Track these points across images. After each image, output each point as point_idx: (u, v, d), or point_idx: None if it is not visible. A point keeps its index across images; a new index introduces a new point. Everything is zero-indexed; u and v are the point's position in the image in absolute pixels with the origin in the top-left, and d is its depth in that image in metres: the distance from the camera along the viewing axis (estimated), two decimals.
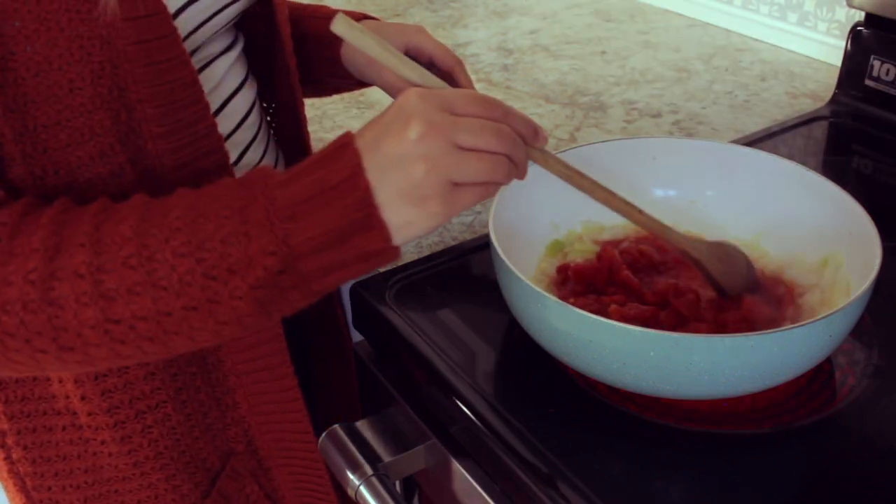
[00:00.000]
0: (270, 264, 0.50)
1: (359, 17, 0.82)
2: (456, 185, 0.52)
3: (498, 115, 0.54)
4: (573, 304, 0.65)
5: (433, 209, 0.51)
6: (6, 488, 0.70)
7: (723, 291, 0.67)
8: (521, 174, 0.56)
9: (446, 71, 0.77)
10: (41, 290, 0.50)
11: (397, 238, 0.52)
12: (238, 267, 0.50)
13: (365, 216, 0.51)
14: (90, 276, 0.50)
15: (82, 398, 0.64)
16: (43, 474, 0.68)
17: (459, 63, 0.77)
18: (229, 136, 0.69)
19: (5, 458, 0.68)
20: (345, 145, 0.52)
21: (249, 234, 0.50)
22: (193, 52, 0.63)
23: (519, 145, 0.55)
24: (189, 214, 0.51)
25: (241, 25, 0.75)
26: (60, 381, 0.64)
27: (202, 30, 0.62)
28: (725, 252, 0.68)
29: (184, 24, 0.59)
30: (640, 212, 0.63)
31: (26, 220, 0.52)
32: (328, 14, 0.84)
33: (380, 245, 0.52)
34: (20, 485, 0.69)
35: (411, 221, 0.52)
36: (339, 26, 0.58)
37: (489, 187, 0.54)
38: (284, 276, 0.51)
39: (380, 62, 0.60)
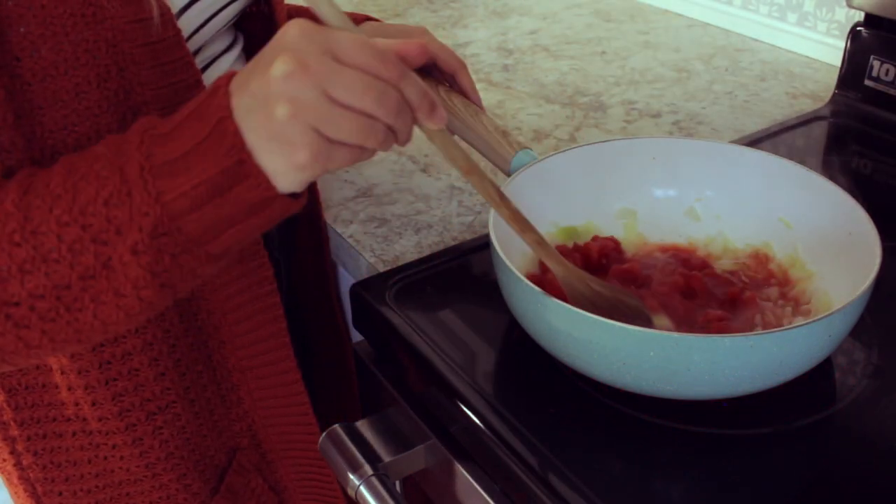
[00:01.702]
0: (145, 224, 0.47)
1: (360, 19, 0.82)
2: (327, 139, 0.46)
3: (391, 76, 0.47)
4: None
5: (301, 159, 0.46)
6: (17, 494, 0.71)
7: None
8: (402, 142, 0.50)
9: (449, 73, 0.77)
10: None
11: (279, 186, 0.48)
12: (124, 228, 0.48)
13: (236, 163, 0.46)
14: None
15: (93, 404, 0.64)
16: (53, 479, 0.68)
17: (463, 66, 0.77)
18: None
19: (15, 465, 0.68)
20: (217, 88, 0.48)
21: (130, 192, 0.47)
22: (195, 52, 0.63)
23: (404, 116, 0.48)
24: (70, 179, 0.49)
25: (240, 25, 0.75)
26: (70, 389, 0.64)
27: (203, 30, 0.63)
28: (614, 306, 0.61)
29: (186, 24, 0.59)
30: (529, 229, 0.60)
31: None
32: None
33: (263, 193, 0.47)
34: (31, 490, 0.69)
35: (279, 170, 0.47)
36: None
37: (364, 152, 0.49)
38: (166, 238, 0.48)
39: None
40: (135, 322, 0.53)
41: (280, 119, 0.45)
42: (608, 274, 0.69)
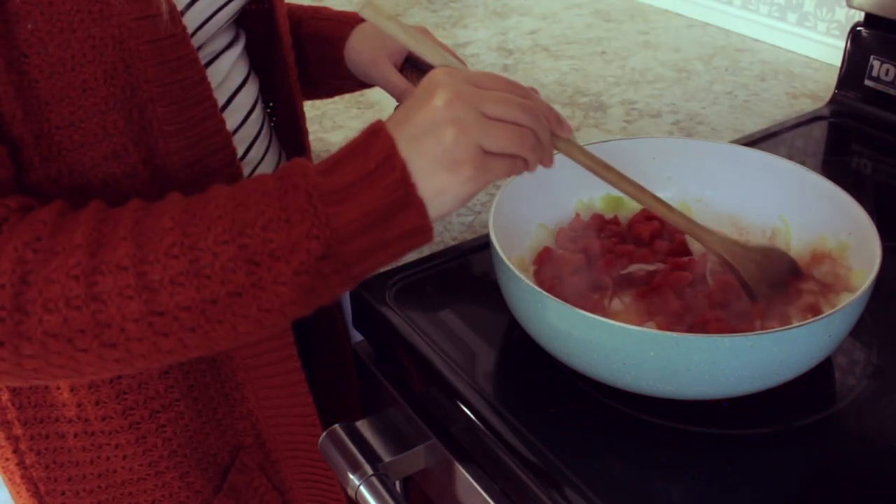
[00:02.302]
0: (314, 248, 0.50)
1: (361, 19, 0.82)
2: (486, 152, 0.53)
3: (521, 93, 0.56)
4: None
5: (466, 174, 0.52)
6: (19, 493, 0.71)
7: (752, 295, 0.65)
8: (546, 158, 0.57)
9: None
10: (84, 285, 0.49)
11: (433, 209, 0.53)
12: (281, 252, 0.50)
13: (404, 194, 0.51)
14: (133, 269, 0.50)
15: (97, 403, 0.64)
16: (56, 479, 0.68)
17: (463, 66, 0.77)
18: (235, 131, 0.69)
19: (18, 464, 0.68)
20: (377, 131, 0.53)
21: (290, 219, 0.51)
22: (198, 49, 0.63)
23: (543, 123, 0.56)
24: (228, 204, 0.52)
25: (241, 23, 0.75)
26: (73, 390, 0.64)
27: (206, 26, 0.63)
28: (766, 256, 0.66)
29: (190, 21, 0.59)
30: (670, 208, 0.64)
31: (66, 219, 0.51)
32: (329, 15, 0.84)
33: (418, 222, 0.52)
34: (33, 489, 0.69)
35: (446, 188, 0.52)
36: (366, 11, 0.59)
37: (517, 161, 0.55)
38: (326, 261, 0.51)
39: (406, 46, 0.61)
40: (264, 335, 0.56)
41: (448, 140, 0.51)
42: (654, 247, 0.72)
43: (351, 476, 0.65)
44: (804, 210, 0.71)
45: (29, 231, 0.50)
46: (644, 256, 0.70)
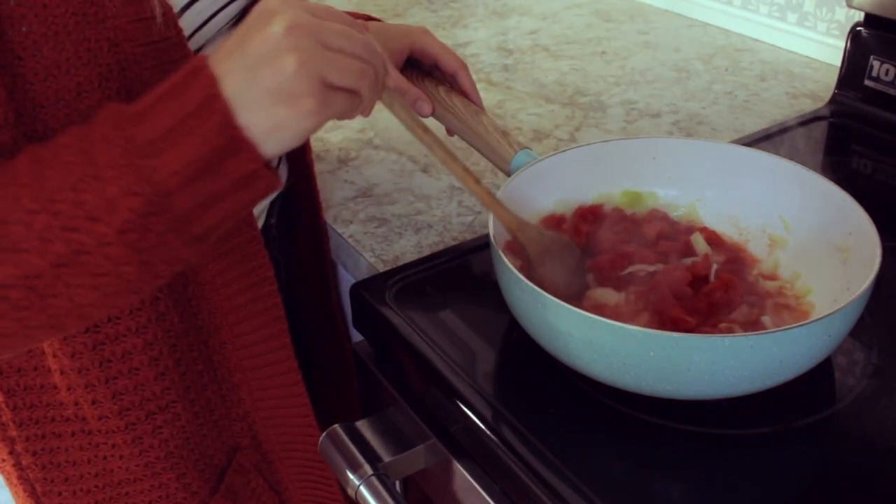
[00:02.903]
0: (136, 205, 0.47)
1: (361, 18, 0.82)
2: (328, 85, 0.49)
3: (359, 30, 0.52)
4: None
5: (307, 107, 0.48)
6: (16, 494, 0.71)
7: (532, 274, 0.66)
8: (370, 104, 0.54)
9: (450, 73, 0.77)
10: None
11: (269, 146, 0.49)
12: (99, 213, 0.47)
13: (228, 139, 0.47)
14: None
15: (93, 403, 0.64)
16: (53, 480, 0.68)
17: (464, 66, 0.77)
18: None
19: (15, 465, 0.68)
20: (197, 68, 0.48)
21: (101, 176, 0.47)
22: (199, 51, 0.63)
23: (380, 63, 0.52)
24: (35, 168, 0.48)
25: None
26: (69, 389, 0.64)
27: (204, 29, 0.63)
28: (559, 248, 0.67)
29: (187, 23, 0.59)
30: (477, 181, 0.64)
31: None
32: None
33: (250, 167, 0.48)
34: (30, 490, 0.69)
35: (283, 123, 0.48)
36: None
37: (356, 99, 0.51)
38: (156, 218, 0.47)
39: None
40: (112, 304, 0.52)
41: (289, 70, 0.47)
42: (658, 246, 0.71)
43: (351, 476, 0.65)
44: (804, 210, 0.71)
45: None
46: (645, 257, 0.70)
